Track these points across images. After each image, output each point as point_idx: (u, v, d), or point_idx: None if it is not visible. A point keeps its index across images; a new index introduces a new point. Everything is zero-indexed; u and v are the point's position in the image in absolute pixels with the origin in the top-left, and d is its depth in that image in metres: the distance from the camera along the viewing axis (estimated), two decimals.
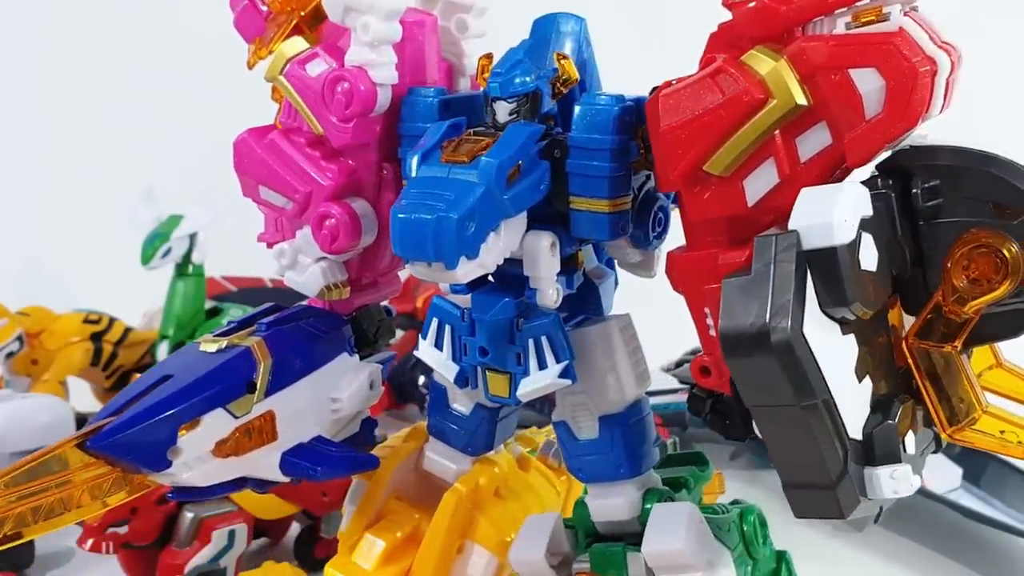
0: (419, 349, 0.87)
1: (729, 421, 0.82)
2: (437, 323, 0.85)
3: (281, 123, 0.91)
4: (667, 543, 0.81)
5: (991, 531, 1.27)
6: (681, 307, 0.80)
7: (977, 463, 1.33)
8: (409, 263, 0.74)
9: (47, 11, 2.63)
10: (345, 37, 0.86)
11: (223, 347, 0.87)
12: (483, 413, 0.94)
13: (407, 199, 0.74)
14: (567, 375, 0.81)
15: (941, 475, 1.30)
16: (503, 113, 0.79)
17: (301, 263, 0.90)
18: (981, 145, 0.72)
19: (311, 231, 0.87)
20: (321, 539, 1.30)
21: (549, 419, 0.89)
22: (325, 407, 0.91)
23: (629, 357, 0.86)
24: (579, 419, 0.86)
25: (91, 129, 2.51)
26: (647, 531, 0.83)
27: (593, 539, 0.88)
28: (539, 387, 0.81)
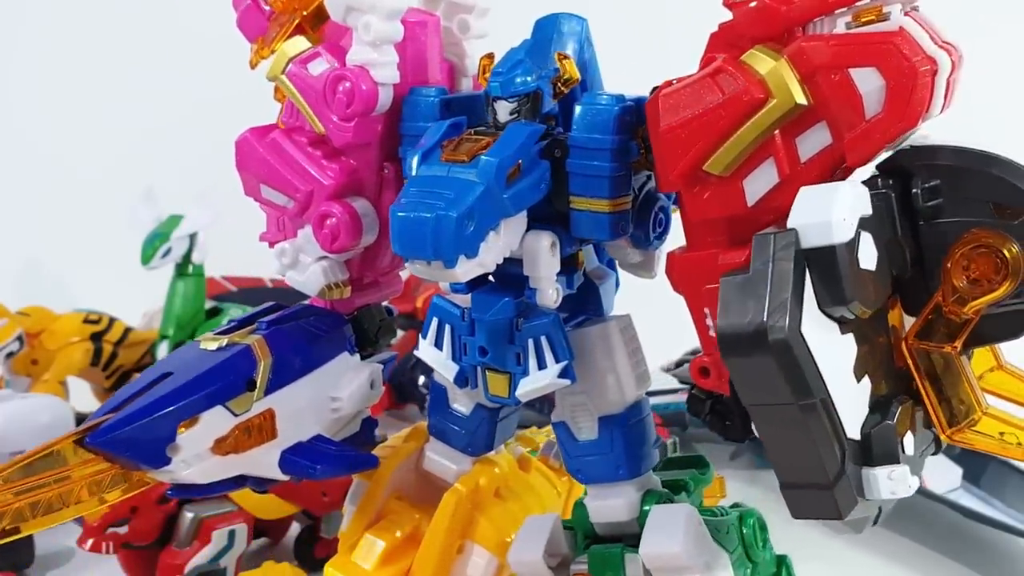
0: (419, 348, 0.87)
1: (729, 422, 0.82)
2: (437, 322, 0.85)
3: (283, 122, 0.91)
4: (665, 545, 0.81)
5: (991, 531, 1.27)
6: (681, 307, 0.80)
7: (977, 463, 1.32)
8: (408, 262, 0.74)
9: (47, 11, 2.63)
10: (347, 36, 0.86)
11: (223, 345, 0.88)
12: (483, 413, 0.93)
13: (407, 198, 0.74)
14: (566, 375, 0.80)
15: (941, 475, 1.30)
16: (504, 113, 0.79)
17: (302, 262, 0.90)
18: (982, 145, 0.72)
19: (312, 230, 0.88)
20: (321, 539, 1.30)
21: (549, 419, 0.89)
22: (325, 406, 0.91)
23: (629, 358, 0.86)
24: (578, 420, 0.86)
25: (91, 129, 2.50)
26: (645, 533, 0.83)
27: (592, 540, 0.88)
28: (538, 387, 0.81)
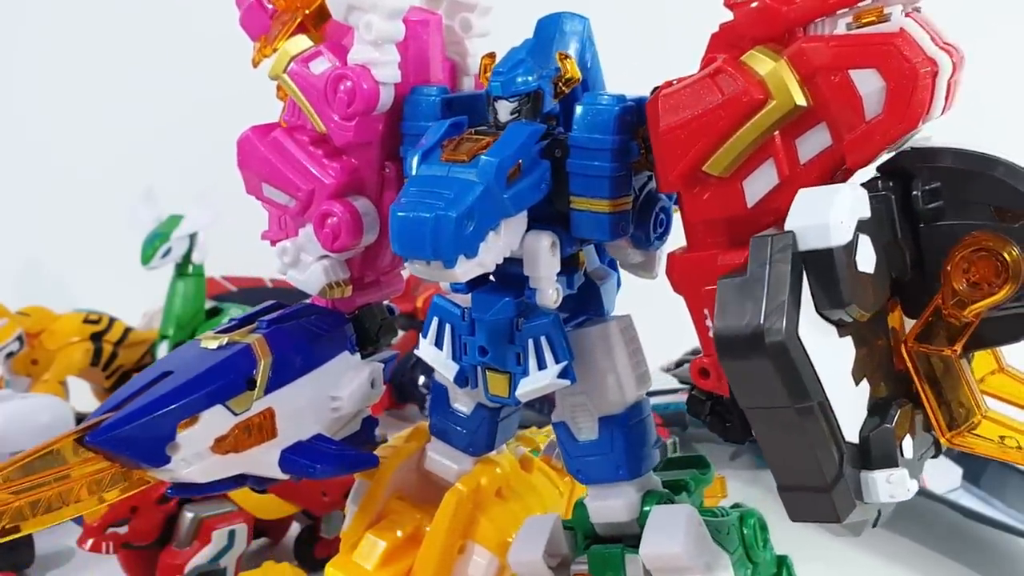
0: (419, 348, 0.87)
1: (729, 423, 0.82)
2: (437, 322, 0.85)
3: (285, 121, 0.91)
4: (665, 545, 0.81)
5: (991, 531, 1.26)
6: (681, 308, 0.80)
7: (977, 463, 1.32)
8: (408, 261, 0.74)
9: (47, 11, 2.62)
10: (349, 35, 0.86)
11: (223, 344, 0.88)
12: (484, 413, 0.94)
13: (406, 197, 0.74)
14: (566, 375, 0.80)
15: (941, 475, 1.30)
16: (505, 112, 0.79)
17: (303, 261, 0.90)
18: (983, 147, 0.71)
19: (313, 229, 0.88)
20: (321, 539, 1.30)
21: (549, 419, 0.89)
22: (325, 405, 0.91)
23: (629, 358, 0.85)
24: (579, 420, 0.86)
25: (91, 129, 2.50)
26: (645, 533, 0.83)
27: (592, 540, 0.88)
28: (538, 387, 0.81)
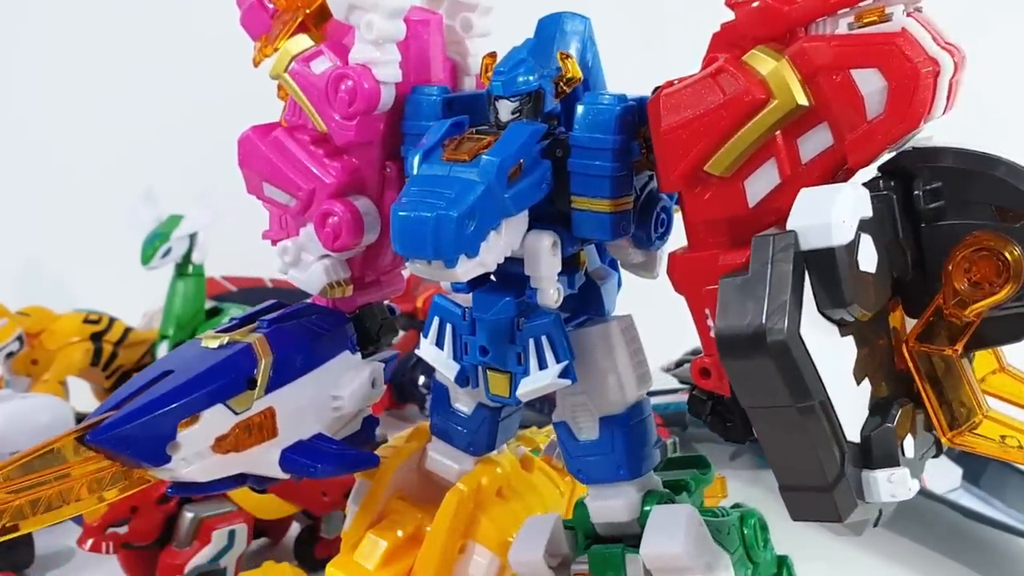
0: (420, 348, 0.87)
1: (729, 423, 0.82)
2: (438, 321, 0.85)
3: (286, 120, 0.91)
4: (665, 545, 0.81)
5: (991, 531, 1.27)
6: (682, 308, 0.80)
7: (977, 463, 1.32)
8: (409, 261, 0.74)
9: (47, 11, 2.62)
10: (350, 35, 0.86)
11: (224, 343, 0.88)
12: (485, 413, 0.94)
13: (407, 197, 0.74)
14: (567, 375, 0.80)
15: (941, 475, 1.30)
16: (506, 112, 0.79)
17: (304, 260, 0.90)
18: (985, 147, 0.71)
19: (314, 228, 0.88)
20: (321, 539, 1.30)
21: (550, 419, 0.89)
22: (326, 404, 0.91)
23: (630, 358, 0.85)
24: (579, 420, 0.86)
25: (91, 129, 2.50)
26: (646, 533, 0.83)
27: (592, 540, 0.88)
28: (539, 387, 0.81)
